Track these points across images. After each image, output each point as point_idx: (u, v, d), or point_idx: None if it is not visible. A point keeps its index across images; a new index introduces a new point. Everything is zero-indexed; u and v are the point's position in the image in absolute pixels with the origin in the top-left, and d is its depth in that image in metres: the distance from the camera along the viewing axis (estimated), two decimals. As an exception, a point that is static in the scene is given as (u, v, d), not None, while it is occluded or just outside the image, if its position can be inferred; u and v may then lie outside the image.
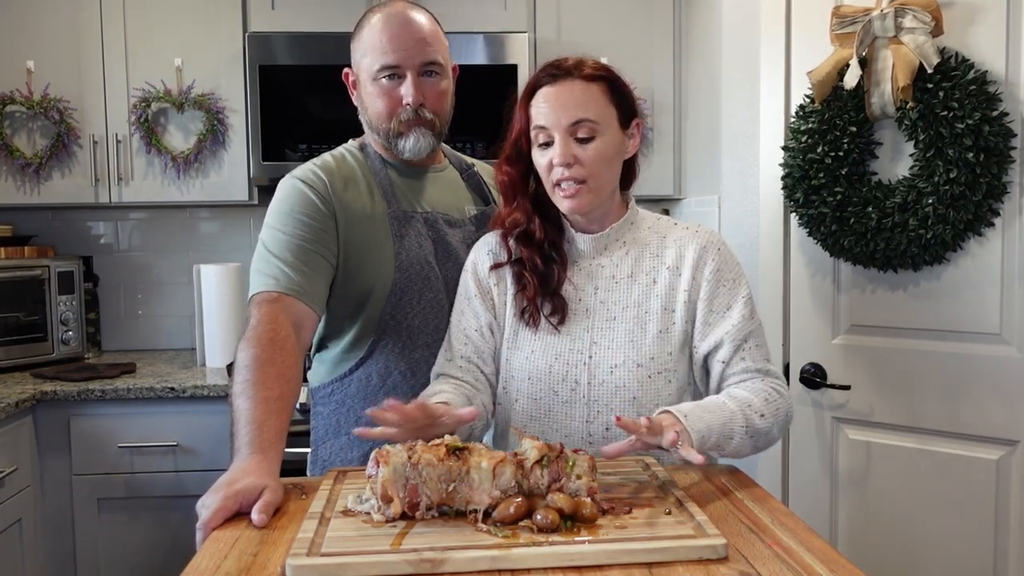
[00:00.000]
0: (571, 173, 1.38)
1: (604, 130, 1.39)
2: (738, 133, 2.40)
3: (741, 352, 1.42)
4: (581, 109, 1.38)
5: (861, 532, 2.17)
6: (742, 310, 1.43)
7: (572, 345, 1.44)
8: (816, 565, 0.99)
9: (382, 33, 1.57)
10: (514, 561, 0.98)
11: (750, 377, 1.42)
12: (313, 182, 1.58)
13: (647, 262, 1.47)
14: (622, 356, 1.42)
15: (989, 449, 1.96)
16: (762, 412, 1.36)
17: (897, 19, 1.92)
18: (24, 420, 2.42)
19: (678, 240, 1.48)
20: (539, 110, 1.40)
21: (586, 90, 1.39)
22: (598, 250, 1.48)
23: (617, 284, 1.46)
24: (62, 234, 3.12)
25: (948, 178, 1.89)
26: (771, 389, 1.40)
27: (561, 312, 1.45)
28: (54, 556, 2.51)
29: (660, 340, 1.42)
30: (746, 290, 1.46)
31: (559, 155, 1.38)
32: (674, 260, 1.46)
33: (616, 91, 1.42)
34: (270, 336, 1.41)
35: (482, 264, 1.54)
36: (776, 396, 1.40)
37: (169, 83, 2.78)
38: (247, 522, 1.14)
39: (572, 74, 1.40)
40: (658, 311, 1.43)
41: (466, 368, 1.49)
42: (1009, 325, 1.91)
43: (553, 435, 1.43)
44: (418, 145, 1.62)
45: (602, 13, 2.85)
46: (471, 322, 1.52)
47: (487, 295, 1.52)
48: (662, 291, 1.45)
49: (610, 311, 1.45)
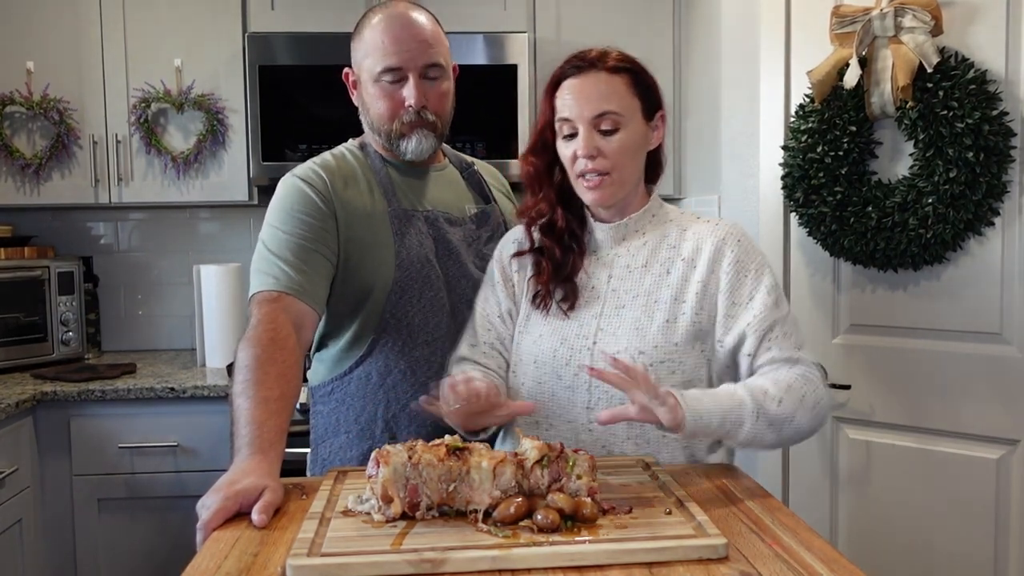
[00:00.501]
0: (594, 165, 1.39)
1: (628, 122, 1.40)
2: (738, 133, 2.40)
3: (767, 342, 1.38)
4: (605, 101, 1.38)
5: (861, 532, 2.17)
6: (765, 299, 1.40)
7: (579, 331, 1.45)
8: (816, 565, 0.99)
9: (384, 34, 1.57)
10: (514, 561, 0.98)
11: (776, 367, 1.37)
12: (313, 181, 1.58)
13: (663, 253, 1.47)
14: (625, 343, 1.41)
15: (989, 449, 1.96)
16: (779, 399, 1.30)
17: (897, 19, 1.92)
18: (24, 420, 2.42)
19: (697, 233, 1.46)
20: (563, 102, 1.41)
21: (610, 82, 1.39)
22: (616, 240, 1.49)
23: (631, 273, 1.46)
24: (62, 234, 3.12)
25: (948, 177, 1.89)
26: (796, 376, 1.34)
27: (572, 298, 1.46)
28: (54, 556, 2.51)
29: (666, 329, 1.40)
30: (770, 279, 1.42)
31: (583, 147, 1.39)
32: (691, 252, 1.45)
33: (640, 83, 1.42)
34: (271, 336, 1.40)
35: (506, 252, 1.57)
36: (801, 383, 1.33)
37: (169, 83, 2.78)
38: (247, 522, 1.14)
39: (596, 65, 1.40)
40: (667, 300, 1.42)
41: (489, 354, 1.51)
42: (1009, 325, 1.91)
43: (556, 420, 1.43)
44: (420, 147, 1.62)
45: (602, 13, 2.85)
46: (494, 308, 1.54)
47: (509, 282, 1.55)
48: (674, 281, 1.43)
49: (620, 299, 1.45)
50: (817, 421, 1.36)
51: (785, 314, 1.42)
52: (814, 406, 1.34)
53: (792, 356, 1.37)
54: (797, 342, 1.40)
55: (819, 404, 1.35)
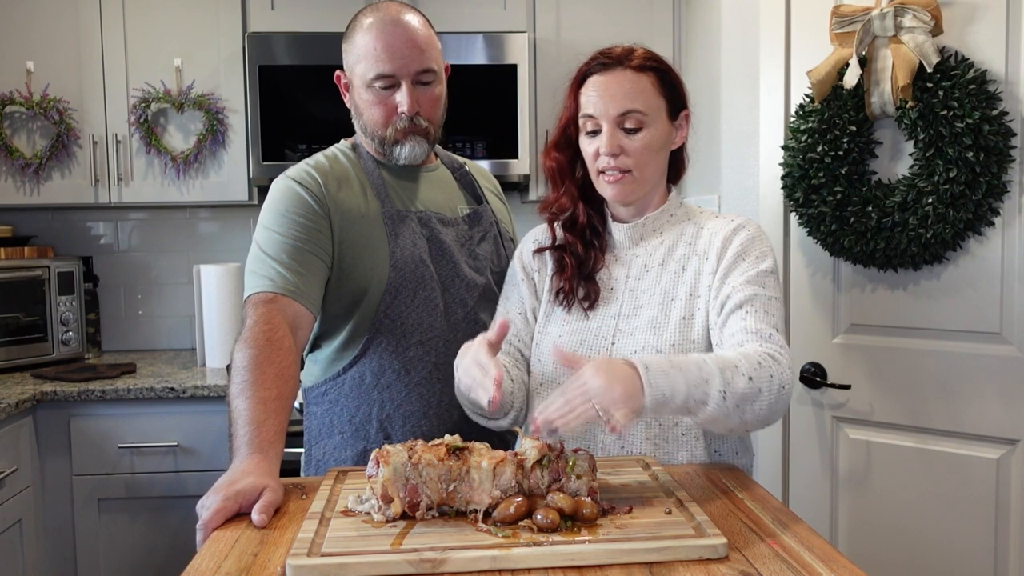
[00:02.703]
0: (617, 163, 1.39)
1: (652, 121, 1.39)
2: (738, 133, 2.40)
3: (742, 311, 1.32)
4: (630, 100, 1.38)
5: (861, 532, 2.17)
6: (754, 277, 1.36)
7: (598, 331, 1.44)
8: (816, 565, 0.99)
9: (376, 40, 1.56)
10: (514, 561, 0.98)
11: (747, 339, 1.30)
12: (307, 182, 1.58)
13: (680, 251, 1.46)
14: (642, 342, 1.40)
15: (989, 449, 1.96)
16: (749, 375, 1.21)
17: (897, 18, 1.92)
18: (24, 420, 2.42)
19: (712, 229, 1.45)
20: (588, 98, 1.41)
21: (636, 81, 1.39)
22: (634, 240, 1.49)
23: (648, 272, 1.46)
24: (62, 234, 3.12)
25: (948, 177, 1.89)
26: (765, 353, 1.26)
27: (593, 296, 1.46)
28: (54, 556, 2.51)
29: (683, 327, 1.39)
30: (769, 264, 1.39)
31: (606, 145, 1.39)
32: (704, 247, 1.44)
33: (666, 82, 1.42)
34: (267, 336, 1.41)
35: (527, 251, 1.57)
36: (770, 361, 1.25)
37: (169, 83, 2.78)
38: (247, 522, 1.14)
39: (623, 63, 1.39)
40: (683, 297, 1.42)
41: (507, 350, 1.51)
42: (1009, 325, 1.91)
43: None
44: (413, 153, 1.62)
45: (602, 13, 2.85)
46: (516, 306, 1.55)
47: (530, 280, 1.55)
48: (690, 277, 1.43)
49: (638, 299, 1.45)
50: (778, 406, 1.26)
51: (771, 296, 1.36)
52: (780, 388, 1.25)
53: (765, 331, 1.31)
54: (775, 323, 1.34)
55: (783, 386, 1.26)
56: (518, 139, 2.73)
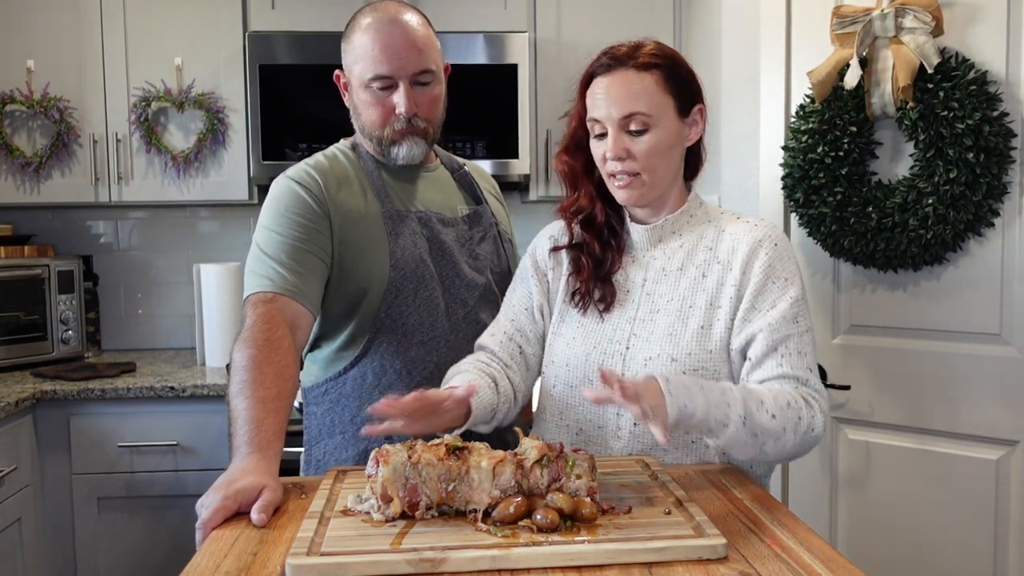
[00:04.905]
0: (624, 167, 1.36)
1: (658, 121, 1.36)
2: (738, 133, 2.40)
3: (777, 355, 1.32)
4: (633, 102, 1.34)
5: (861, 532, 2.17)
6: (786, 310, 1.33)
7: (612, 335, 1.42)
8: (816, 565, 0.99)
9: (374, 41, 1.55)
10: (514, 561, 0.98)
11: (783, 386, 1.30)
12: (307, 182, 1.58)
13: (700, 255, 1.42)
14: (658, 349, 1.37)
15: (989, 449, 1.96)
16: (773, 413, 1.24)
17: (897, 19, 1.92)
18: (24, 419, 2.42)
19: (734, 234, 1.41)
20: (593, 101, 1.38)
21: (639, 80, 1.35)
22: (652, 242, 1.46)
23: (666, 276, 1.43)
24: (62, 233, 3.12)
25: (948, 178, 1.89)
26: (799, 396, 1.28)
27: (609, 299, 1.44)
28: (54, 556, 2.51)
29: (700, 336, 1.36)
30: (797, 290, 1.36)
31: (611, 149, 1.36)
32: (726, 254, 1.39)
33: (674, 78, 1.37)
34: (266, 336, 1.41)
35: (542, 248, 1.55)
36: (800, 403, 1.27)
37: (169, 82, 2.78)
38: (247, 521, 1.14)
39: (625, 63, 1.36)
40: (703, 306, 1.38)
41: (504, 344, 1.50)
42: (1009, 325, 1.91)
43: (587, 424, 1.42)
44: (411, 153, 1.62)
45: (602, 13, 2.85)
46: (521, 300, 1.53)
47: (543, 277, 1.53)
48: (710, 285, 1.39)
49: (655, 303, 1.42)
50: (804, 447, 1.31)
51: (803, 330, 1.35)
52: (807, 430, 1.29)
53: (801, 376, 1.32)
54: (809, 363, 1.34)
55: (812, 429, 1.29)
56: (518, 139, 2.73)
